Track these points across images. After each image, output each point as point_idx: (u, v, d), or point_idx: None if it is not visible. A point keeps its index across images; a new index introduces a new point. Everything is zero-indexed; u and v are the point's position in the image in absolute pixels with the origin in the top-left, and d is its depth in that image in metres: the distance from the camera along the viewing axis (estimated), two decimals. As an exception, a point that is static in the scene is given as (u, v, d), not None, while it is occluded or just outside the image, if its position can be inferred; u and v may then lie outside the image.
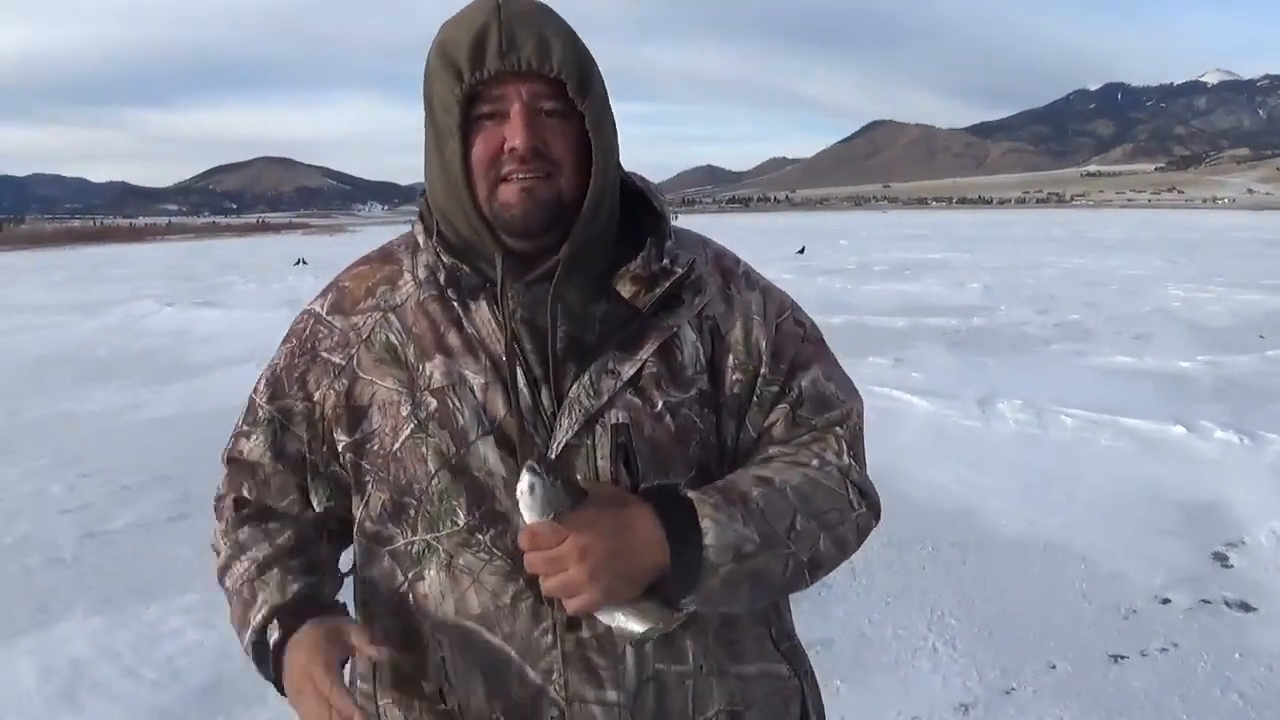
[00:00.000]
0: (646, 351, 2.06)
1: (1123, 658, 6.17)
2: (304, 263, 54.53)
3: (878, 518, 2.21)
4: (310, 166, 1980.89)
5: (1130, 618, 6.71)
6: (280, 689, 2.07)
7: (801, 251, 53.15)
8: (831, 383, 2.24)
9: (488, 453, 2.02)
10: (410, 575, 2.10)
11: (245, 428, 2.29)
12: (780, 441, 2.17)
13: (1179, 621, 6.65)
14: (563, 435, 2.00)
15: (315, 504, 2.27)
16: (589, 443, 2.01)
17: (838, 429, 2.21)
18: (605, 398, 2.02)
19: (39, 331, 25.44)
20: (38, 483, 10.58)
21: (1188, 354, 16.45)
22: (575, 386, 2.02)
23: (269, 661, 2.09)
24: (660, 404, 2.05)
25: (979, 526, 8.48)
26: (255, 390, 2.29)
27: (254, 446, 2.27)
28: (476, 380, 2.04)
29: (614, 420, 2.02)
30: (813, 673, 2.35)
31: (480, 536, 2.02)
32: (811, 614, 1.85)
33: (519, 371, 2.02)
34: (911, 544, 7.96)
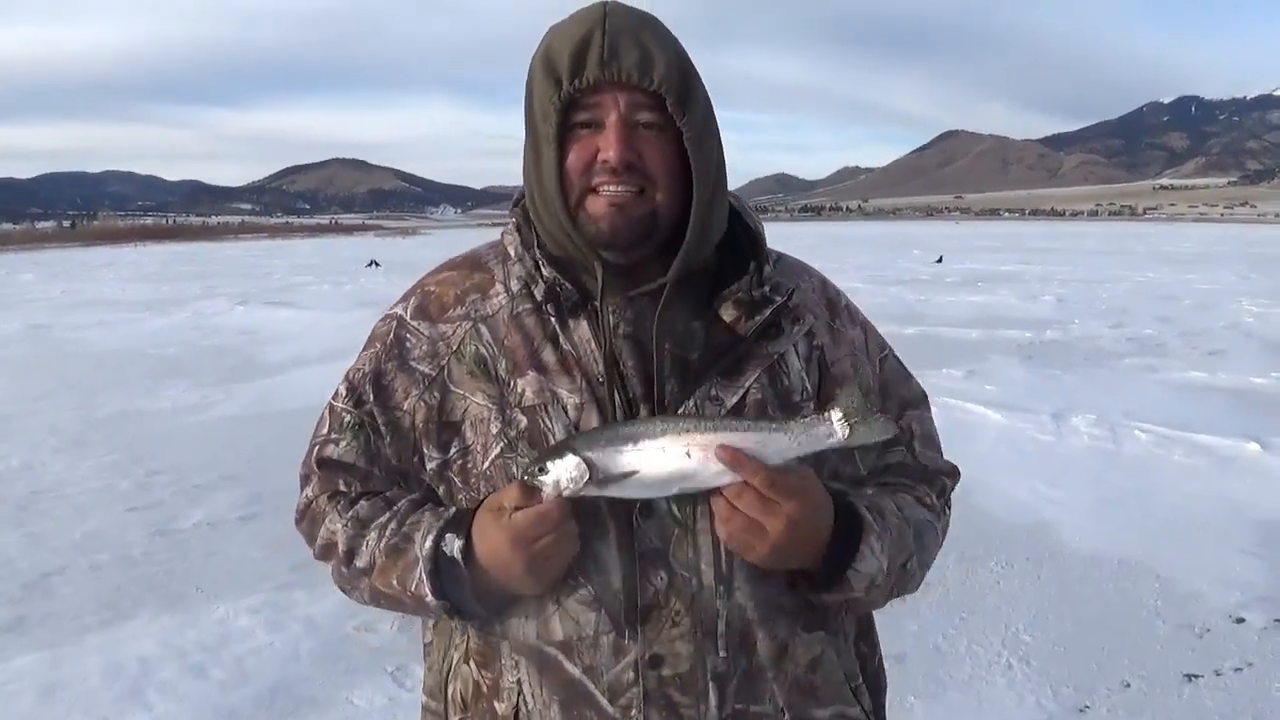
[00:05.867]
0: (749, 378, 2.05)
1: (1197, 677, 6.10)
2: (376, 264, 54.70)
3: None
4: (383, 168, 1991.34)
5: (1205, 636, 6.64)
6: (476, 607, 1.99)
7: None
8: (931, 425, 2.33)
9: None
10: None
11: (331, 435, 2.19)
12: (902, 473, 2.23)
13: (1253, 641, 6.57)
14: None
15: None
16: None
17: (947, 481, 2.30)
18: None
19: (111, 328, 25.70)
20: (107, 479, 10.66)
21: (1261, 370, 16.33)
22: (681, 410, 1.98)
23: (460, 573, 1.94)
24: None
25: (1053, 542, 8.41)
26: (335, 397, 2.21)
27: (345, 450, 2.16)
28: (570, 399, 2.00)
29: None
30: (884, 708, 2.33)
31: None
32: (885, 629, 1.84)
33: (616, 392, 1.98)
34: (985, 559, 7.93)
